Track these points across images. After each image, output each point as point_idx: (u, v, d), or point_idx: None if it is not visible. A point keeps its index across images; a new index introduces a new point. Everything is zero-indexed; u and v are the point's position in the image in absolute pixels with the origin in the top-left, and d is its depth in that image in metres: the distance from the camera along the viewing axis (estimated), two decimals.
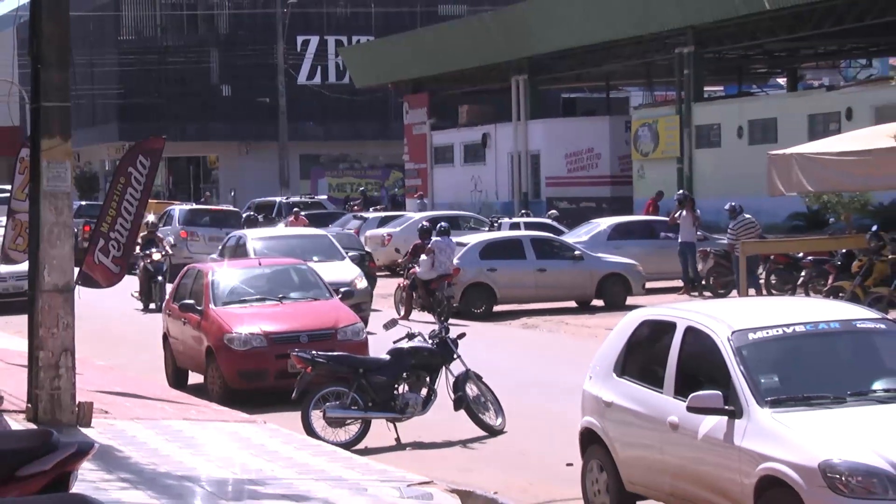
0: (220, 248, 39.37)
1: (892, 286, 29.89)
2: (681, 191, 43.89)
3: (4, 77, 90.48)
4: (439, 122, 69.82)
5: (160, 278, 38.88)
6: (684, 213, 38.71)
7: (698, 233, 39.02)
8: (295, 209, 55.93)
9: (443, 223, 40.60)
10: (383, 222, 52.20)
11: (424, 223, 43.40)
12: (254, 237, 37.14)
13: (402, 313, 34.34)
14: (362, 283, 33.81)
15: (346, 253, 36.95)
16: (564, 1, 68.63)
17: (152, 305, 38.99)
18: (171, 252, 42.42)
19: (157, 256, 39.44)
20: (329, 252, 35.88)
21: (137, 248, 34.54)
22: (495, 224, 46.50)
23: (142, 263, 39.15)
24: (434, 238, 36.84)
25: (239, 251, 35.39)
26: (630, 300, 34.06)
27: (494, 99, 66.45)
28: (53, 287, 18.49)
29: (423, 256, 36.44)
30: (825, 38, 54.16)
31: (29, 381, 18.57)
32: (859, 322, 14.92)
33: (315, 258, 32.84)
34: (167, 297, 27.80)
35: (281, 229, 46.27)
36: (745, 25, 50.36)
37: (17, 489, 8.52)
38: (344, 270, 34.31)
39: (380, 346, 21.78)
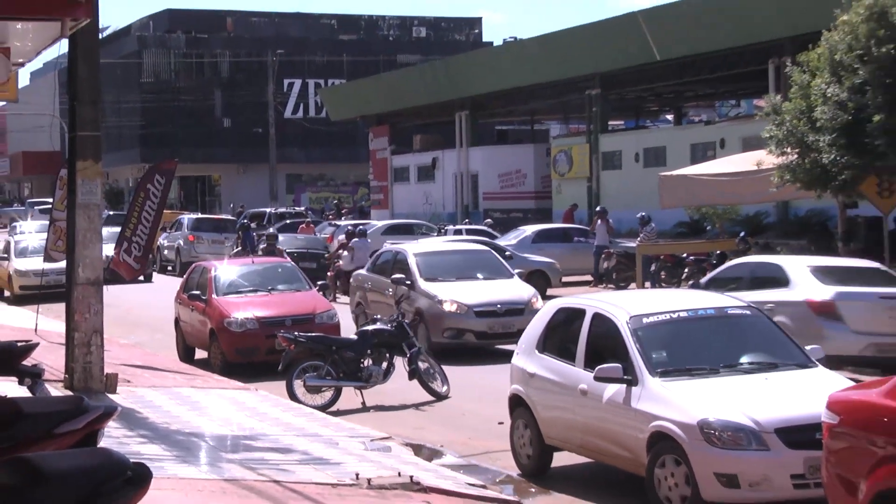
0: (370, 261, 30.67)
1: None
2: (599, 206, 44.09)
3: (47, 111, 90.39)
4: (398, 148, 69.76)
5: None
6: (600, 222, 38.98)
7: (611, 240, 39.18)
8: (306, 219, 55.86)
9: (361, 227, 42.87)
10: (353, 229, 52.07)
11: (349, 227, 43.47)
12: (415, 252, 27.99)
13: (331, 296, 34.13)
14: (539, 304, 24.30)
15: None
16: (497, 52, 69.23)
17: None
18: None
19: None
20: (495, 269, 27.73)
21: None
22: (442, 230, 46.37)
23: None
24: (354, 239, 37.65)
25: (398, 266, 27.28)
26: (550, 291, 33.92)
27: (442, 130, 66.37)
28: (86, 280, 18.46)
29: (344, 252, 37.28)
30: (703, 83, 54.37)
31: (66, 357, 18.56)
32: (730, 309, 15.12)
33: (479, 275, 27.02)
34: (178, 288, 27.47)
35: (442, 244, 33.41)
36: (641, 72, 50.48)
37: (54, 444, 8.49)
38: (517, 289, 26.62)
39: (349, 328, 21.72)
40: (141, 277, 35.03)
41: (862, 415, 10.55)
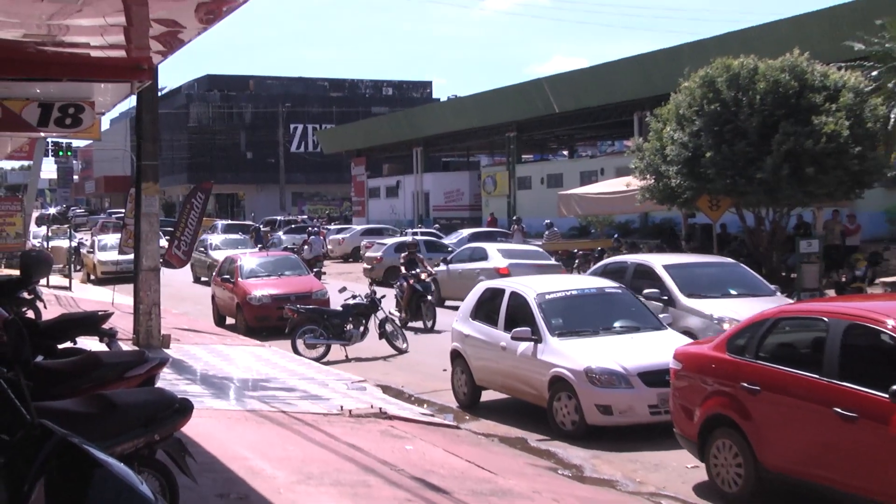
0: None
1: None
2: (516, 216, 44.31)
3: (121, 147, 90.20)
4: (372, 173, 69.59)
5: (430, 297, 24.01)
6: (517, 227, 39.12)
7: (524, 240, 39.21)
8: (319, 223, 56.80)
9: (313, 227, 45.93)
10: (339, 231, 52.05)
11: (310, 228, 45.44)
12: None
13: None
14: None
15: None
16: (442, 106, 69.06)
17: (418, 324, 23.47)
18: (434, 272, 26.62)
19: (424, 276, 24.53)
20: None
21: (402, 269, 25.59)
22: (404, 233, 46.30)
23: (405, 283, 24.22)
24: (311, 237, 39.23)
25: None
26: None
27: (403, 160, 66.29)
28: (148, 268, 18.38)
29: (306, 246, 37.89)
30: (589, 128, 54.58)
31: (134, 322, 18.45)
32: (607, 288, 15.21)
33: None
34: (214, 273, 27.26)
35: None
36: (544, 121, 50.54)
37: (124, 384, 8.54)
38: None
39: (336, 301, 21.67)
40: (188, 266, 34.94)
41: (697, 362, 10.67)
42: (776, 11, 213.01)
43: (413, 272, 24.49)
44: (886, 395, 8.21)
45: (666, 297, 16.66)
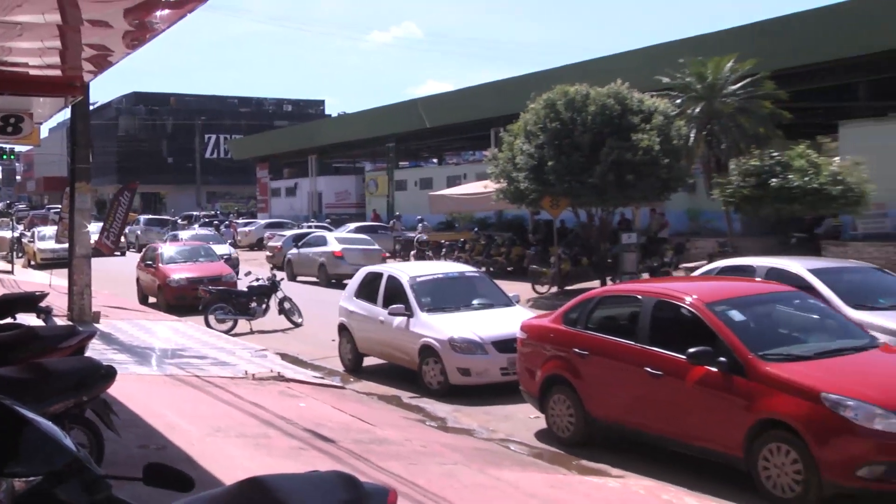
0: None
1: (482, 255, 30.47)
2: (397, 213, 44.19)
3: (59, 152, 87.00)
4: (274, 176, 68.48)
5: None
6: (396, 222, 39.06)
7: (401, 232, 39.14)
8: (231, 218, 55.76)
9: (217, 221, 47.54)
10: (246, 225, 51.19)
11: (222, 221, 45.69)
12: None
13: None
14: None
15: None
16: (334, 120, 68.48)
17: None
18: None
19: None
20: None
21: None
22: (301, 226, 45.73)
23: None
24: (222, 228, 40.16)
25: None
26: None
27: (300, 166, 65.26)
28: (81, 255, 17.88)
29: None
30: (454, 141, 54.89)
31: (68, 301, 17.92)
32: (467, 272, 15.36)
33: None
34: (139, 259, 26.60)
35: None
36: (418, 133, 50.44)
37: (58, 354, 8.26)
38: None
39: (242, 283, 21.36)
40: (117, 253, 33.99)
41: (539, 332, 10.82)
42: (605, 48, 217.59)
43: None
44: (684, 357, 8.51)
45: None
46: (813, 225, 28.96)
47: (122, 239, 41.37)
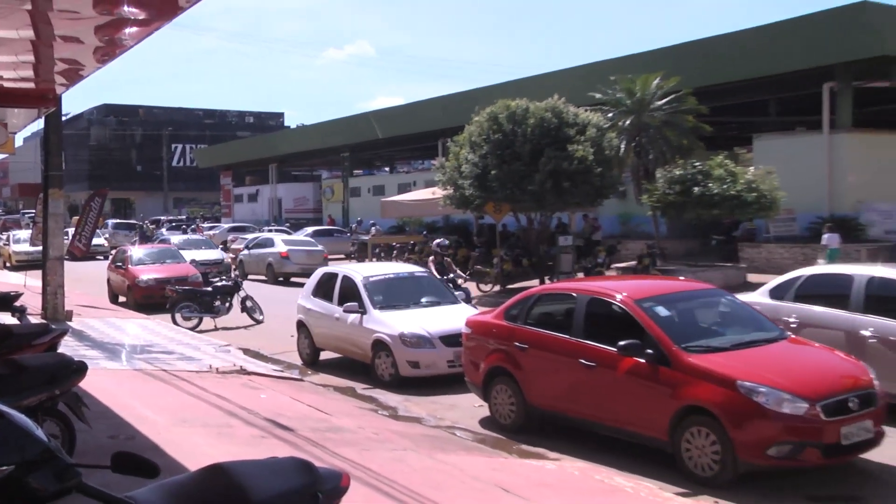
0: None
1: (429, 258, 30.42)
2: (359, 218, 44.01)
3: (33, 160, 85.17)
4: (237, 184, 67.86)
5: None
6: (356, 227, 38.96)
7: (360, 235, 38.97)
8: (198, 222, 54.93)
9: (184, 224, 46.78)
10: (211, 228, 50.69)
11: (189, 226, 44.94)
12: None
13: None
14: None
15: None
16: (293, 132, 68.05)
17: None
18: (467, 277, 21.97)
19: (461, 282, 18.98)
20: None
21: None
22: (262, 230, 45.37)
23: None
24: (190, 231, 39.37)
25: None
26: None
27: (261, 174, 64.74)
28: (54, 257, 17.52)
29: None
30: (404, 150, 54.92)
31: (42, 300, 17.52)
32: (416, 273, 15.28)
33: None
34: (109, 261, 26.15)
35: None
36: (371, 144, 50.25)
37: (31, 351, 8.11)
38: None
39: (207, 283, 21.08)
40: (99, 257, 33.48)
41: (482, 328, 10.84)
42: (543, 66, 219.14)
43: (447, 277, 18.20)
44: (615, 349, 8.61)
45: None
46: (731, 228, 29.49)
47: (105, 244, 41.18)
